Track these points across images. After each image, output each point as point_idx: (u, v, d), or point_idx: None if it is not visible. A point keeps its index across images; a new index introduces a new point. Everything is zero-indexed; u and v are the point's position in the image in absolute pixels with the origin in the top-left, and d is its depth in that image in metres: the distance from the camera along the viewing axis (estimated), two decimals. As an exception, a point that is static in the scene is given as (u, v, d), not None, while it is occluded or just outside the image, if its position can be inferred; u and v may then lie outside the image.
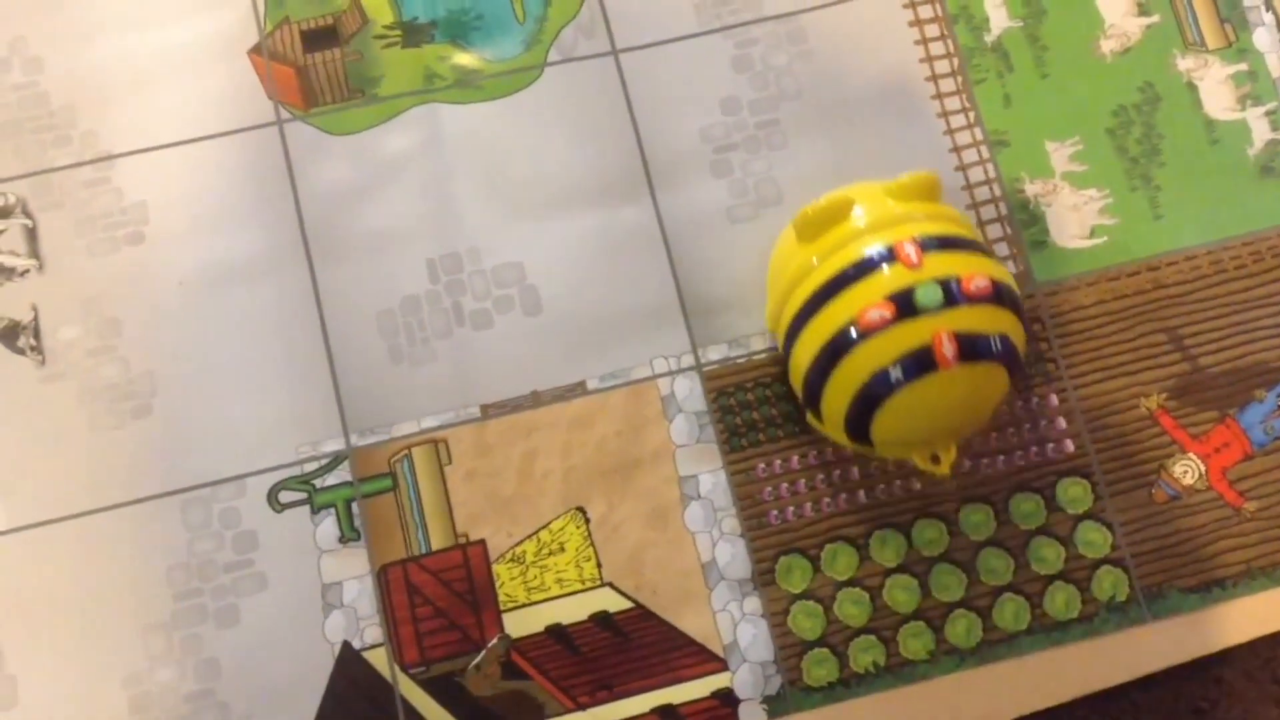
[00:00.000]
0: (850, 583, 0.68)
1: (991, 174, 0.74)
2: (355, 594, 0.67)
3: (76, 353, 0.69)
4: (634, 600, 0.67)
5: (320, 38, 0.74)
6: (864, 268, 0.61)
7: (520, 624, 0.67)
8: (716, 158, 0.73)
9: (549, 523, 0.68)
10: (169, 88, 0.73)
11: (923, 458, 0.65)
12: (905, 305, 0.59)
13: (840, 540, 0.68)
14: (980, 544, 0.69)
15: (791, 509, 0.69)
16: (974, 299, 0.60)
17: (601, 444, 0.70)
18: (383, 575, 0.67)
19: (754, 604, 0.67)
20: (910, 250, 0.60)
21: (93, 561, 0.66)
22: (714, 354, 0.71)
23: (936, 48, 0.76)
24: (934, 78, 0.75)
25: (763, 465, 0.69)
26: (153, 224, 0.71)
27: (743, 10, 0.76)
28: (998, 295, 0.61)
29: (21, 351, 0.69)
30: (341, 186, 0.72)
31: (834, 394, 0.62)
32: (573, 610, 0.67)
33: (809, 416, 0.68)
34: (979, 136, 0.74)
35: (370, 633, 0.66)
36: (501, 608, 0.67)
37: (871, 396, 0.60)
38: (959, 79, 0.75)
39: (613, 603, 0.67)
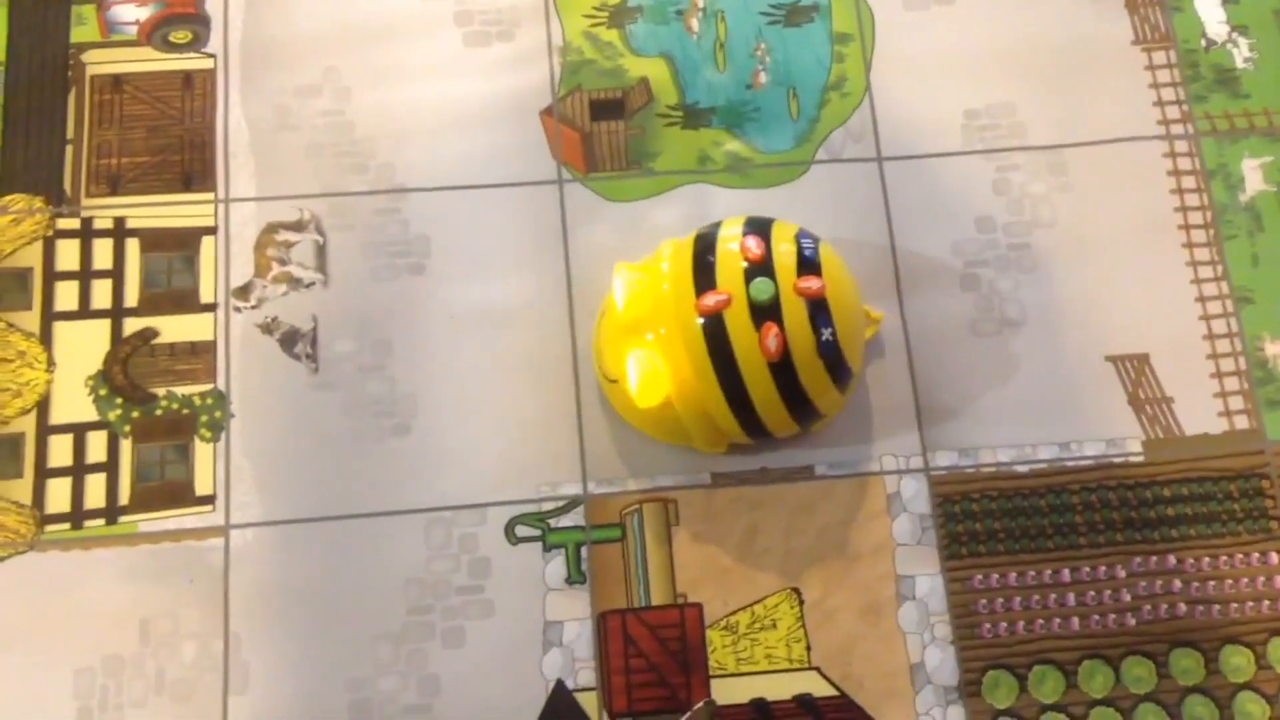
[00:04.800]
0: (1055, 707, 0.69)
1: (1234, 328, 0.76)
2: (574, 635, 0.69)
3: (348, 367, 0.74)
4: (840, 689, 0.69)
5: (607, 108, 0.79)
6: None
7: (726, 692, 0.69)
8: (966, 272, 0.76)
9: (764, 598, 0.71)
10: (464, 135, 0.78)
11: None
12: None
13: (1049, 663, 0.69)
14: (1187, 689, 0.69)
15: (1004, 625, 0.70)
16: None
17: (824, 530, 0.72)
18: (602, 622, 0.70)
19: (958, 713, 0.68)
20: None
21: (336, 565, 0.70)
22: (943, 460, 0.73)
23: (1191, 199, 0.78)
24: (1186, 227, 0.77)
25: (980, 577, 0.71)
26: (434, 258, 0.76)
27: (1008, 137, 0.79)
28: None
29: (298, 358, 0.74)
30: (609, 249, 0.76)
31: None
32: (778, 687, 0.69)
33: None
34: (1225, 290, 0.76)
35: (584, 675, 0.69)
36: (710, 673, 0.69)
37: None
38: (1210, 232, 0.77)
39: (818, 687, 0.69)
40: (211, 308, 0.75)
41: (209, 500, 0.71)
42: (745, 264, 0.65)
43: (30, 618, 0.68)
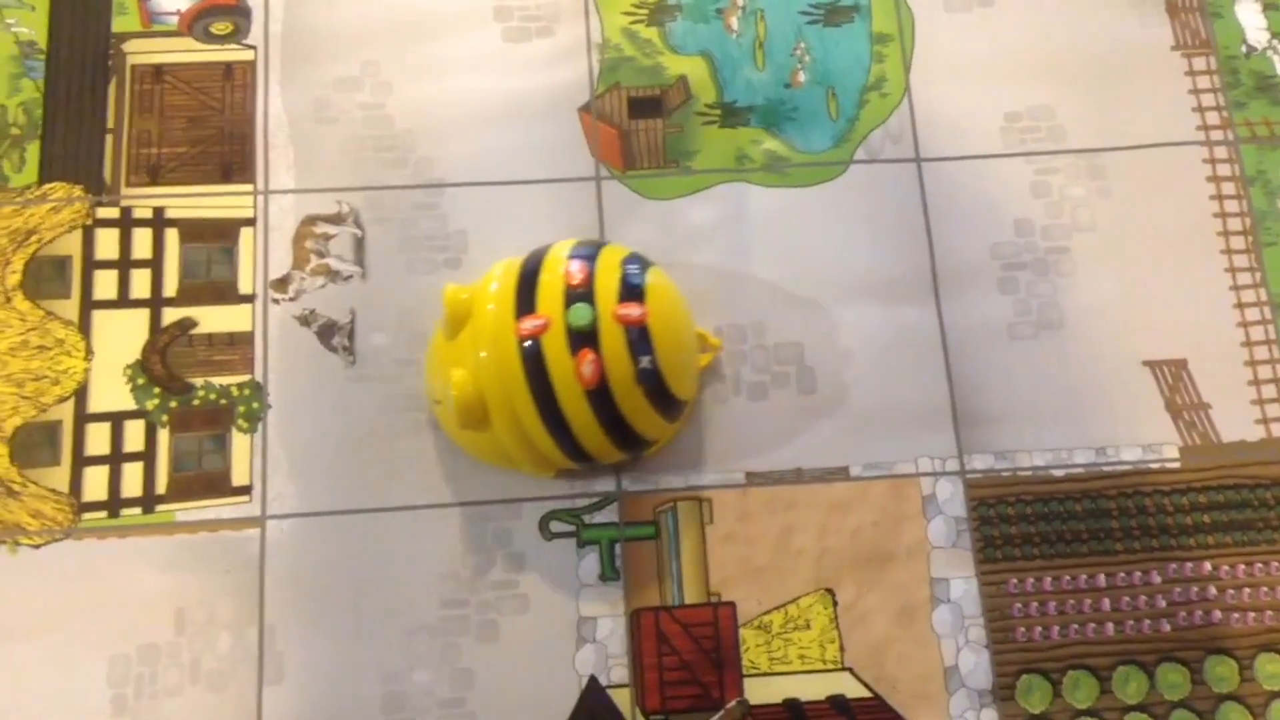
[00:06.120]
0: (1089, 712, 0.68)
1: (1271, 335, 0.75)
2: (608, 632, 0.69)
3: (385, 360, 0.74)
4: (873, 691, 0.69)
5: (646, 106, 0.79)
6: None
7: (759, 691, 0.69)
8: (1004, 275, 0.76)
9: (798, 598, 0.70)
10: (503, 130, 0.78)
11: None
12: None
13: (1084, 669, 0.69)
14: (1222, 696, 0.69)
15: (1039, 629, 0.70)
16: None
17: (858, 531, 0.72)
18: (636, 619, 0.70)
19: (991, 717, 0.68)
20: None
21: (372, 557, 0.70)
22: (979, 463, 0.73)
23: (1231, 205, 0.78)
24: (1225, 233, 0.77)
25: (1015, 581, 0.71)
26: (470, 253, 0.76)
27: (1047, 140, 0.79)
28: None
29: (334, 350, 0.74)
30: (646, 247, 0.75)
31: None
32: (811, 688, 0.69)
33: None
34: (1263, 297, 0.76)
35: (617, 672, 0.69)
36: (743, 672, 0.69)
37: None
38: (1249, 239, 0.77)
39: (851, 689, 0.69)
40: (250, 299, 0.75)
41: (245, 491, 0.71)
42: (566, 288, 0.65)
43: (66, 605, 0.69)
